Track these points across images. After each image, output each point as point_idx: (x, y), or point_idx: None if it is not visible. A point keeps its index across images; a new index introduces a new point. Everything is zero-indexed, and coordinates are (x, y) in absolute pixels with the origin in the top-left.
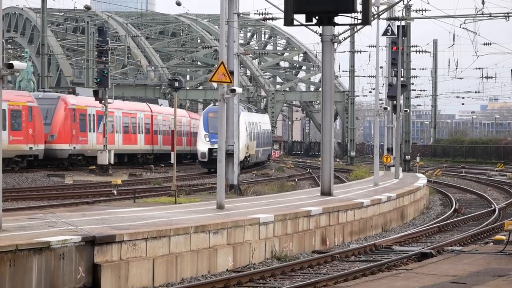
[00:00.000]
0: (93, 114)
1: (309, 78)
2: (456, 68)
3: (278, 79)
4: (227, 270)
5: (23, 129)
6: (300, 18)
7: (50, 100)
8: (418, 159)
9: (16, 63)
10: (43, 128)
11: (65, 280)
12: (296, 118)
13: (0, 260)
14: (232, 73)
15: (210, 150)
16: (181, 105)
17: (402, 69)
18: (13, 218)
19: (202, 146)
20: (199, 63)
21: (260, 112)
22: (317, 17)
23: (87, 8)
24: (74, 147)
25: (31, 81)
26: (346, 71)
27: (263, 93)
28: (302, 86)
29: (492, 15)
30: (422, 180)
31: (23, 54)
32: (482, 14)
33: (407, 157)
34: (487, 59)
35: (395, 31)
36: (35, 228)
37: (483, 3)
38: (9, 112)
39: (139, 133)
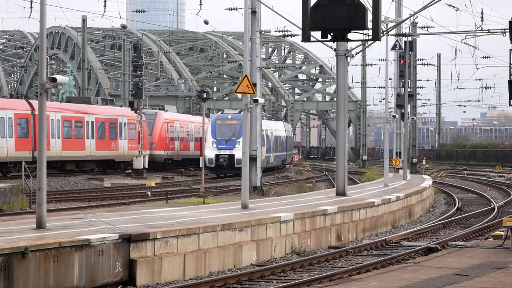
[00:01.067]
0: (178, 126)
1: (325, 89)
2: (458, 79)
3: (297, 90)
4: (251, 264)
5: (136, 139)
6: (316, 34)
7: (150, 116)
8: (424, 162)
9: (59, 77)
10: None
11: (104, 275)
12: (313, 126)
13: (45, 257)
14: (255, 85)
15: (217, 156)
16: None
17: (409, 81)
18: (56, 218)
19: (210, 152)
20: (225, 76)
21: (274, 119)
22: (332, 34)
23: (123, 26)
24: (167, 153)
25: (73, 93)
26: (358, 82)
27: (283, 103)
28: (319, 96)
29: (490, 31)
30: (427, 181)
31: (65, 69)
32: (481, 30)
33: (414, 160)
34: (486, 71)
35: (403, 46)
36: (77, 227)
37: (482, 20)
38: (128, 125)
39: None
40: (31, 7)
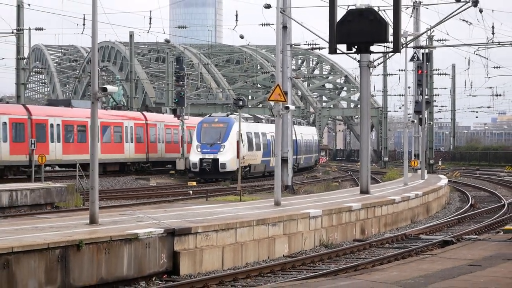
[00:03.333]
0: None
1: (349, 97)
2: (471, 88)
3: (324, 98)
4: (283, 255)
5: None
6: (342, 47)
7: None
8: (440, 163)
9: (109, 87)
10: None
11: (150, 265)
12: (339, 130)
13: (97, 249)
14: (286, 93)
15: (201, 160)
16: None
17: (426, 89)
18: (107, 214)
19: (194, 156)
20: (258, 85)
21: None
22: (356, 47)
23: (167, 41)
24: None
25: (121, 102)
26: (380, 90)
27: (311, 110)
28: (344, 104)
29: (500, 43)
30: (443, 180)
31: (114, 80)
32: (492, 42)
33: (431, 161)
34: (497, 80)
35: (420, 57)
36: (126, 222)
37: (493, 33)
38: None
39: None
40: (83, 24)
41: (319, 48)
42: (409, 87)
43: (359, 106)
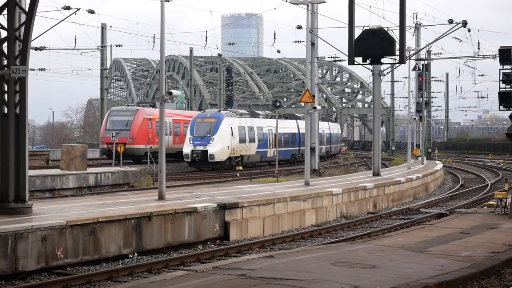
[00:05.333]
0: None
1: (364, 99)
2: (461, 91)
3: (344, 100)
4: (311, 225)
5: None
6: (358, 59)
7: (131, 112)
8: (436, 151)
9: (174, 92)
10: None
11: (206, 232)
12: (356, 125)
13: (164, 219)
14: (313, 96)
15: (192, 151)
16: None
17: (425, 92)
18: (172, 192)
19: (187, 148)
20: (292, 90)
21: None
22: (370, 59)
23: (219, 55)
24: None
25: (183, 103)
26: (388, 94)
27: (334, 109)
28: (359, 104)
29: (485, 56)
30: (439, 165)
31: (178, 85)
32: (478, 55)
33: (429, 150)
34: (482, 85)
35: (421, 67)
36: (187, 198)
37: (478, 48)
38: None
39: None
40: (153, 42)
41: (340, 60)
42: (411, 91)
43: (372, 106)
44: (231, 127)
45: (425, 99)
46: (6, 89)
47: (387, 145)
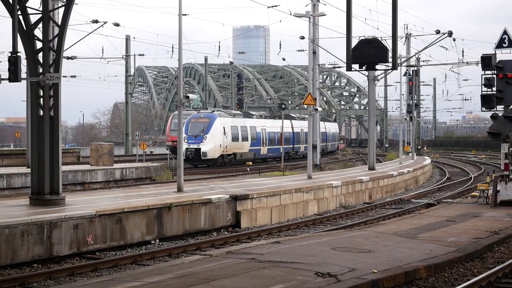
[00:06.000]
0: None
1: (360, 102)
2: (447, 94)
3: (342, 102)
4: (314, 214)
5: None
6: (355, 66)
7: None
8: (425, 148)
9: (191, 95)
10: None
11: (220, 221)
12: (353, 125)
13: (183, 209)
14: (315, 99)
15: (186, 149)
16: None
17: (415, 95)
18: (190, 185)
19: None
20: (296, 93)
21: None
22: (365, 66)
23: (231, 63)
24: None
25: (199, 105)
26: (382, 97)
27: (333, 111)
28: (356, 106)
29: (468, 63)
30: (427, 160)
31: (194, 90)
32: (462, 62)
33: (419, 147)
34: (466, 89)
35: (411, 73)
36: (203, 190)
37: (463, 56)
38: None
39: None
40: (172, 51)
41: (339, 67)
42: (403, 94)
43: (367, 108)
44: (224, 127)
45: (415, 101)
46: (41, 94)
47: (381, 142)
